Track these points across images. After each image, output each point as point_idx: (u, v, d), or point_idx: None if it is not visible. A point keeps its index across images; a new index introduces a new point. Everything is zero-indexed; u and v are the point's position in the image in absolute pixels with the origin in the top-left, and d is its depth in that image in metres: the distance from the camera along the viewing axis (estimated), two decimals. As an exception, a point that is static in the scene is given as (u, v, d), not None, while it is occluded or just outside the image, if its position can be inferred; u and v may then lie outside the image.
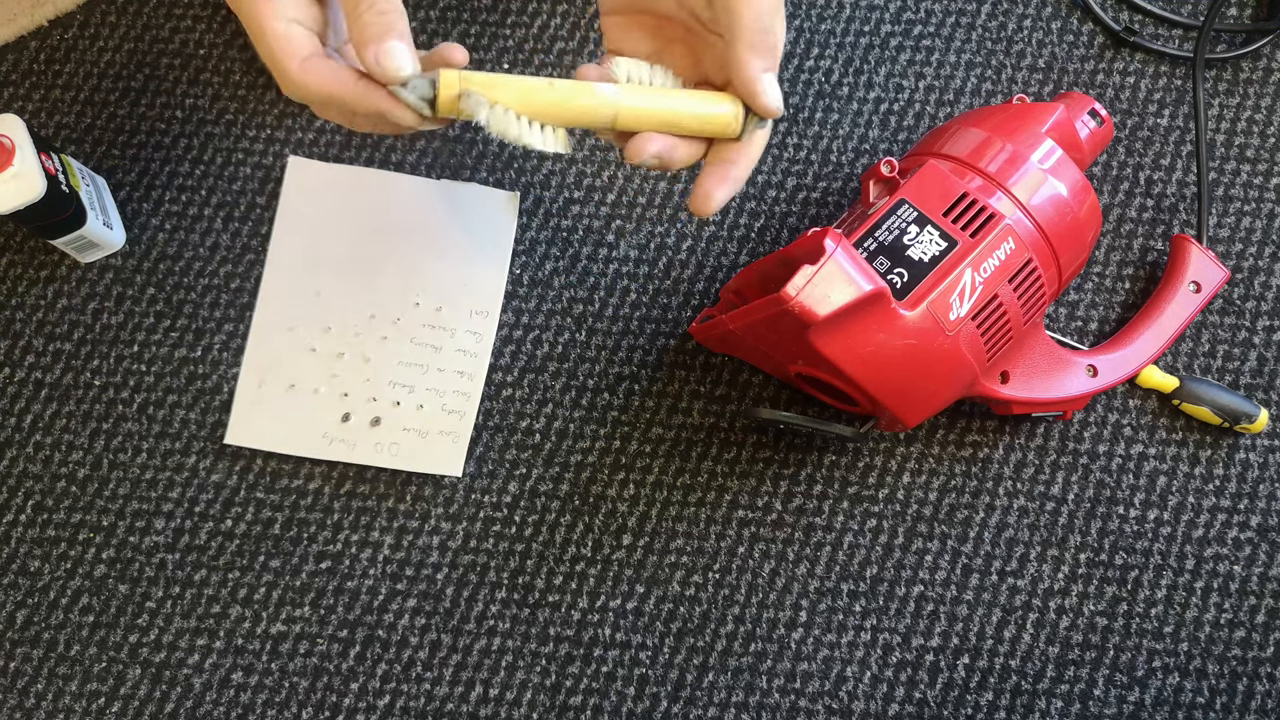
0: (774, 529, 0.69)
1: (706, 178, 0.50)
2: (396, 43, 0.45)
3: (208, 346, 0.71)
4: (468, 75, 0.47)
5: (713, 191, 0.50)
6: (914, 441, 0.70)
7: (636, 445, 0.70)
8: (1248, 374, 0.71)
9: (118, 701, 0.67)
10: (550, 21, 0.76)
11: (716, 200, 0.50)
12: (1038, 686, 0.67)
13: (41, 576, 0.69)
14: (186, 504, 0.69)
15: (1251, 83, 0.75)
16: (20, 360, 0.71)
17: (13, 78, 0.75)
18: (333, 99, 0.47)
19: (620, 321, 0.72)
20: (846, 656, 0.67)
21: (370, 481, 0.70)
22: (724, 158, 0.50)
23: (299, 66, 0.46)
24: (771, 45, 0.48)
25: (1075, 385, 0.67)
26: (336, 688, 0.67)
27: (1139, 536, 0.69)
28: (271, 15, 0.46)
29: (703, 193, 0.50)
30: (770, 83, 0.48)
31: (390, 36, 0.45)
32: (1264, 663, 0.67)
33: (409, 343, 0.71)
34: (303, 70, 0.46)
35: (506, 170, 0.74)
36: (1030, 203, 0.61)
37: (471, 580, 0.69)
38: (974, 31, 0.76)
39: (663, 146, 0.49)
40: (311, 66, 0.47)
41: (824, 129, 0.75)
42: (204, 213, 0.73)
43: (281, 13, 0.46)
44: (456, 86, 0.46)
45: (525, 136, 0.48)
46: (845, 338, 0.56)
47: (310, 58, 0.47)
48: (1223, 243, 0.73)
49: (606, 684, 0.67)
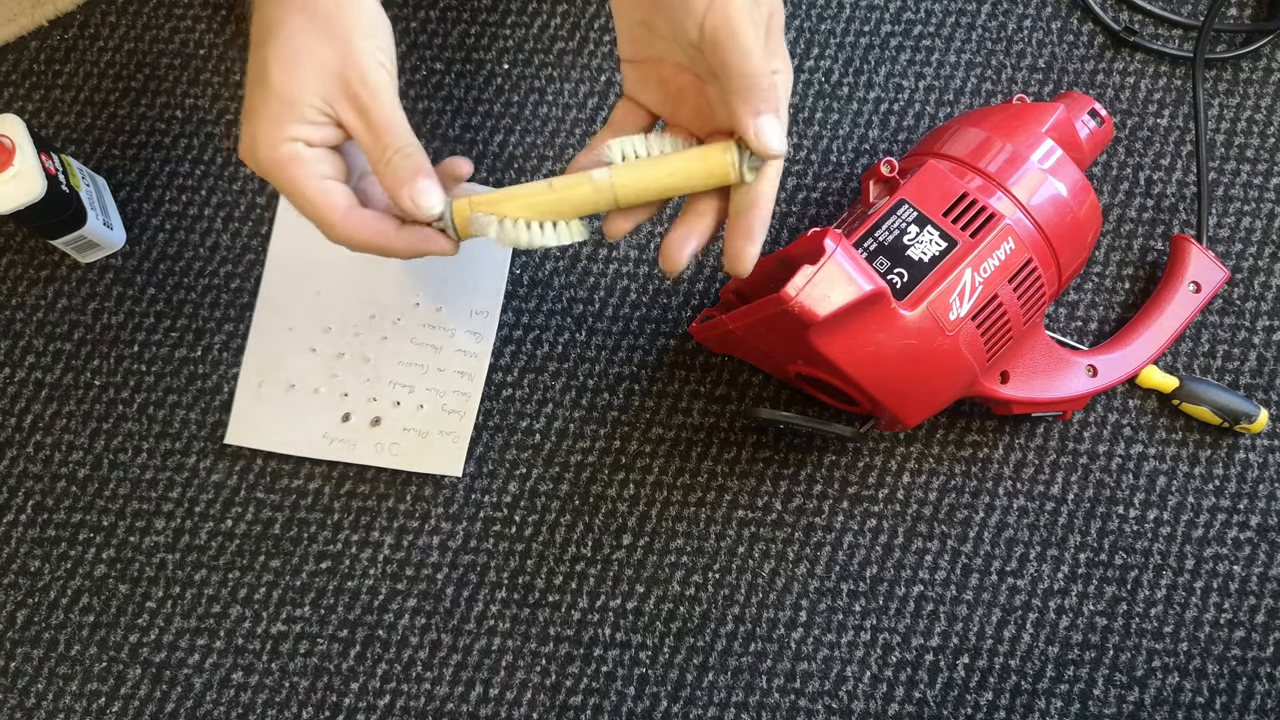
0: (774, 529, 0.69)
1: (732, 239, 0.51)
2: (426, 182, 0.50)
3: (208, 346, 0.71)
4: (475, 200, 0.51)
5: (742, 251, 0.51)
6: (914, 441, 0.70)
7: (636, 445, 0.70)
8: (1247, 374, 0.71)
9: (118, 701, 0.67)
10: (550, 21, 0.76)
11: (748, 258, 0.51)
12: (1037, 686, 0.67)
13: (42, 576, 0.69)
14: (186, 504, 0.69)
15: (1251, 83, 0.75)
16: (20, 360, 0.71)
17: (13, 78, 0.75)
18: (375, 247, 0.51)
19: (620, 321, 0.72)
20: (846, 656, 0.67)
21: (370, 481, 0.70)
22: (740, 210, 0.51)
23: (342, 220, 0.50)
24: (764, 90, 0.49)
25: (1075, 385, 0.67)
26: (337, 687, 0.67)
27: (1139, 536, 0.69)
28: (305, 175, 0.49)
29: (733, 254, 0.51)
30: (765, 125, 0.49)
31: (420, 177, 0.49)
32: (1264, 663, 0.67)
33: (409, 343, 0.71)
34: (346, 223, 0.50)
35: (506, 170, 0.74)
36: (1030, 203, 0.61)
37: (471, 580, 0.69)
38: (974, 31, 0.76)
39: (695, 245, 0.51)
40: (355, 220, 0.50)
41: (824, 129, 0.75)
42: (204, 213, 0.73)
43: (315, 171, 0.49)
44: (467, 212, 0.51)
45: (537, 241, 0.51)
46: (845, 338, 0.56)
47: (350, 211, 0.50)
48: (1223, 243, 0.73)
49: (606, 684, 0.67)
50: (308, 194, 0.50)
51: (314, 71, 0.49)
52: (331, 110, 0.49)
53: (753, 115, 0.49)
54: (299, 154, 0.49)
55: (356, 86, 0.49)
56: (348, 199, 0.51)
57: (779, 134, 0.49)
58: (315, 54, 0.49)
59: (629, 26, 0.53)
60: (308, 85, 0.49)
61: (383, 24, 0.51)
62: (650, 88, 0.54)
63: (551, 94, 0.75)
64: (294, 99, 0.49)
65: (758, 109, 0.49)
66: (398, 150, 0.49)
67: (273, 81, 0.49)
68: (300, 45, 0.49)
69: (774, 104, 0.49)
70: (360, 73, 0.49)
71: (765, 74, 0.48)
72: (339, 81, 0.49)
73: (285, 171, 0.49)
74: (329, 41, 0.49)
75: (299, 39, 0.48)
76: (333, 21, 0.49)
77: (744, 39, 0.48)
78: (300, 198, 0.50)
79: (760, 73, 0.48)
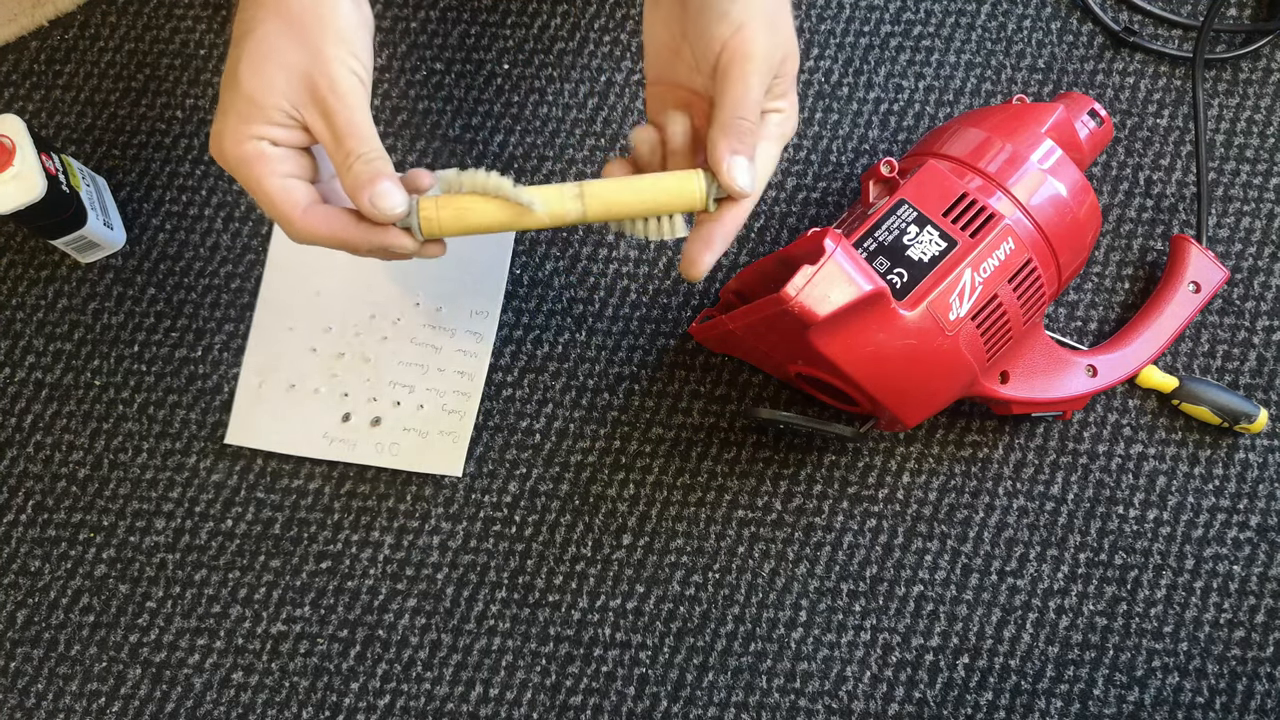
0: (774, 529, 0.69)
1: (691, 244, 0.53)
2: (386, 184, 0.49)
3: (208, 346, 0.71)
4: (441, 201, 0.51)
5: (699, 257, 0.53)
6: (914, 441, 0.70)
7: (636, 445, 0.70)
8: (1247, 374, 0.71)
9: (118, 701, 0.67)
10: (550, 21, 0.77)
11: (704, 265, 0.53)
12: (1037, 686, 0.67)
13: (42, 576, 0.69)
14: (187, 504, 0.69)
15: (1251, 83, 0.76)
16: (20, 360, 0.71)
17: (13, 78, 0.75)
18: (336, 241, 0.51)
19: (620, 321, 0.72)
20: (846, 656, 0.68)
21: (370, 481, 0.70)
22: (704, 220, 0.53)
23: (301, 216, 0.50)
24: (745, 131, 0.51)
25: (1075, 385, 0.67)
26: (337, 687, 0.67)
27: (1139, 536, 0.69)
28: (268, 173, 0.50)
29: (688, 259, 0.53)
30: (736, 165, 0.51)
31: (380, 180, 0.49)
32: (1264, 663, 0.67)
33: (409, 343, 0.71)
34: (305, 219, 0.50)
35: (506, 170, 0.74)
36: (1030, 203, 0.61)
37: (471, 580, 0.69)
38: (974, 32, 0.76)
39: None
40: (313, 215, 0.51)
41: (824, 129, 0.75)
42: (204, 213, 0.73)
43: (276, 169, 0.50)
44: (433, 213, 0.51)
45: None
46: (845, 338, 0.56)
47: (310, 207, 0.51)
48: (1222, 243, 0.73)
49: (606, 684, 0.67)
50: (268, 191, 0.50)
51: (282, 75, 0.49)
52: (298, 114, 0.50)
53: (728, 151, 0.51)
54: (263, 152, 0.50)
55: (324, 92, 0.49)
56: (308, 196, 0.51)
57: (748, 175, 0.51)
58: (286, 58, 0.49)
59: (657, 49, 0.55)
60: (275, 88, 0.49)
61: (361, 32, 0.51)
62: (670, 110, 0.55)
63: (551, 94, 0.75)
64: (261, 100, 0.49)
65: (733, 147, 0.51)
66: (359, 157, 0.49)
67: (242, 82, 0.49)
68: (272, 48, 0.49)
69: (750, 146, 0.51)
70: (329, 79, 0.49)
71: (753, 116, 0.51)
72: (307, 86, 0.49)
73: (249, 169, 0.50)
74: (301, 46, 0.49)
75: (271, 41, 0.49)
76: (307, 27, 0.49)
77: (749, 78, 0.50)
78: (261, 194, 0.50)
79: (749, 114, 0.51)
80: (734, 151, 0.51)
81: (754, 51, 0.50)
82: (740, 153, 0.51)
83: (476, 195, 0.51)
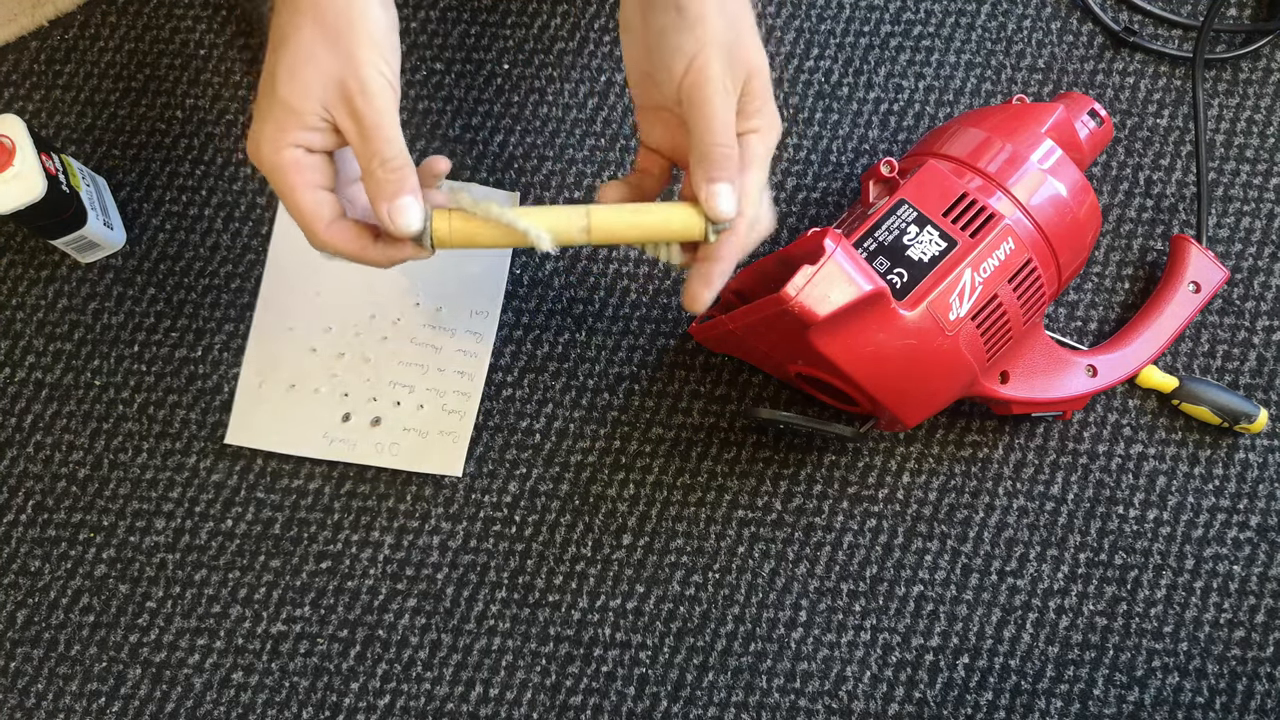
0: (774, 529, 0.69)
1: (692, 281, 0.54)
2: (408, 199, 0.51)
3: (208, 346, 0.71)
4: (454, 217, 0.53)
5: (699, 294, 0.54)
6: (914, 441, 0.70)
7: (636, 445, 0.70)
8: (1247, 374, 0.71)
9: (118, 701, 0.67)
10: (550, 21, 0.77)
11: (703, 301, 0.54)
12: (1037, 686, 0.67)
13: (42, 576, 0.69)
14: (187, 504, 0.69)
15: (1251, 83, 0.76)
16: (20, 360, 0.71)
17: (13, 78, 0.75)
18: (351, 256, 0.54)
19: (620, 321, 0.72)
20: (846, 656, 0.68)
21: (370, 481, 0.70)
22: (704, 257, 0.54)
23: (325, 229, 0.53)
24: (720, 159, 0.51)
25: (1075, 385, 0.67)
26: (337, 687, 0.67)
27: (1139, 536, 0.69)
28: (302, 184, 0.52)
29: (690, 295, 0.54)
30: (719, 193, 0.51)
31: (403, 193, 0.51)
32: (1264, 663, 0.67)
33: (409, 343, 0.71)
34: (328, 233, 0.53)
35: (506, 170, 0.74)
36: (1030, 203, 0.61)
37: (471, 580, 0.69)
38: (974, 32, 0.76)
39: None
40: (335, 231, 0.53)
41: (824, 129, 0.75)
42: (204, 213, 0.73)
43: (310, 180, 0.52)
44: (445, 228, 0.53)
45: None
46: (845, 338, 0.56)
47: (333, 222, 0.53)
48: (1222, 243, 0.73)
49: (606, 684, 0.67)
50: (299, 203, 0.52)
51: (317, 78, 0.51)
52: (330, 115, 0.51)
53: (706, 181, 0.51)
54: (298, 161, 0.52)
55: (354, 94, 0.50)
56: (333, 210, 0.53)
57: (730, 201, 0.52)
58: (320, 62, 0.51)
59: (636, 76, 0.56)
60: (311, 92, 0.51)
61: (391, 39, 0.53)
62: (657, 132, 0.56)
63: (551, 94, 0.75)
64: (298, 106, 0.51)
65: (711, 175, 0.51)
66: (384, 161, 0.51)
67: (279, 88, 0.51)
68: (309, 55, 0.51)
69: (730, 172, 0.51)
70: (360, 81, 0.50)
71: (726, 143, 0.51)
72: (339, 88, 0.51)
73: (284, 177, 0.52)
74: (334, 50, 0.51)
75: (307, 49, 0.51)
76: (340, 32, 0.51)
77: (710, 106, 0.51)
78: (292, 203, 0.52)
79: (720, 142, 0.51)
80: (711, 180, 0.51)
81: (711, 78, 0.50)
82: (718, 180, 0.51)
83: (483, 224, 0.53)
